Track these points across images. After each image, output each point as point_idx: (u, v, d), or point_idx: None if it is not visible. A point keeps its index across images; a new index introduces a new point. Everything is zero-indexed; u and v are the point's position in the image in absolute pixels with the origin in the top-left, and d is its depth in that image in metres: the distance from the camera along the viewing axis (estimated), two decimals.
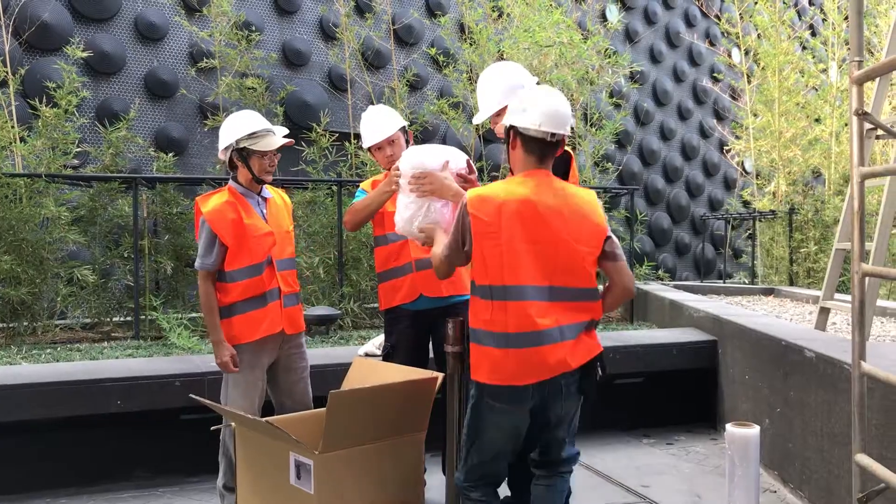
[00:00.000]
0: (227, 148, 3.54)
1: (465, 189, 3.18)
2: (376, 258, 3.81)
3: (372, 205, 3.58)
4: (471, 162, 3.37)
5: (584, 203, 2.78)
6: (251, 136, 3.50)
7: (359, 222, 3.67)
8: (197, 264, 3.48)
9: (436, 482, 3.75)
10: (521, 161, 2.79)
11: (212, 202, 3.49)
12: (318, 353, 4.68)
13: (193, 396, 3.18)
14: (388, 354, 3.72)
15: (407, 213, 3.16)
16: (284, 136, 3.62)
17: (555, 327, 2.65)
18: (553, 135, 2.72)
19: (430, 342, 3.78)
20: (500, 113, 3.25)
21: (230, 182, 3.60)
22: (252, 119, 3.55)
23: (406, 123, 3.82)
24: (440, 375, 3.06)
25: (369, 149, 3.78)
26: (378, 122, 3.74)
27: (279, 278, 3.54)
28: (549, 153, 2.78)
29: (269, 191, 3.69)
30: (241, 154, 3.52)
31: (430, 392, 3.07)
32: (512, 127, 2.77)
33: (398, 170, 3.21)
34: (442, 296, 3.63)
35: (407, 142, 3.76)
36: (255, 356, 3.49)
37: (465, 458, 2.87)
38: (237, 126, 3.52)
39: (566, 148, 2.96)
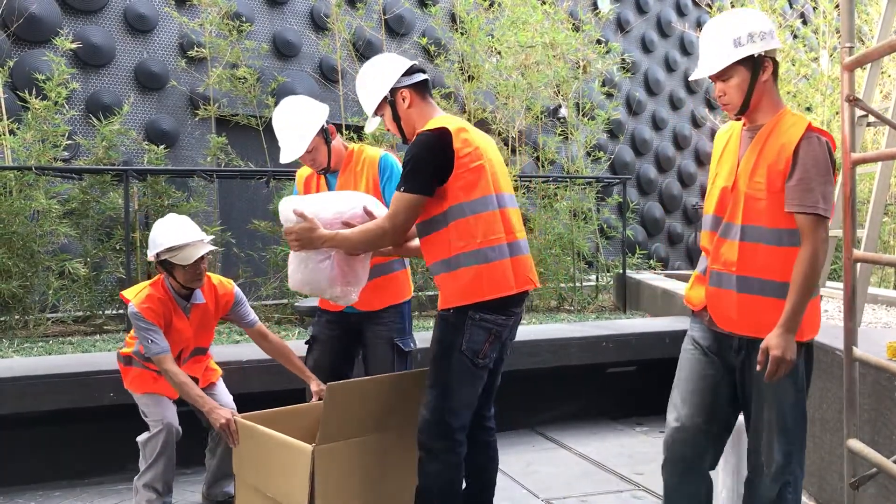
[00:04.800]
0: (153, 257, 3.47)
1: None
2: None
3: None
4: (373, 208, 2.98)
5: None
6: (170, 249, 3.39)
7: None
8: (153, 352, 3.37)
9: None
10: (776, 91, 2.59)
11: (142, 294, 3.43)
12: None
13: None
14: (309, 345, 3.57)
15: (290, 267, 2.96)
16: (208, 239, 3.50)
17: None
18: None
19: (361, 342, 3.51)
20: (381, 107, 2.97)
21: (165, 279, 3.52)
22: (172, 231, 3.43)
23: (322, 122, 3.35)
24: None
25: None
26: (287, 138, 3.33)
27: (183, 368, 3.53)
28: None
29: (202, 296, 3.58)
30: (165, 265, 3.45)
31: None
32: (771, 54, 2.53)
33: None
34: (374, 309, 3.38)
35: (327, 141, 3.38)
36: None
37: (799, 449, 2.63)
38: (158, 240, 3.43)
39: None
